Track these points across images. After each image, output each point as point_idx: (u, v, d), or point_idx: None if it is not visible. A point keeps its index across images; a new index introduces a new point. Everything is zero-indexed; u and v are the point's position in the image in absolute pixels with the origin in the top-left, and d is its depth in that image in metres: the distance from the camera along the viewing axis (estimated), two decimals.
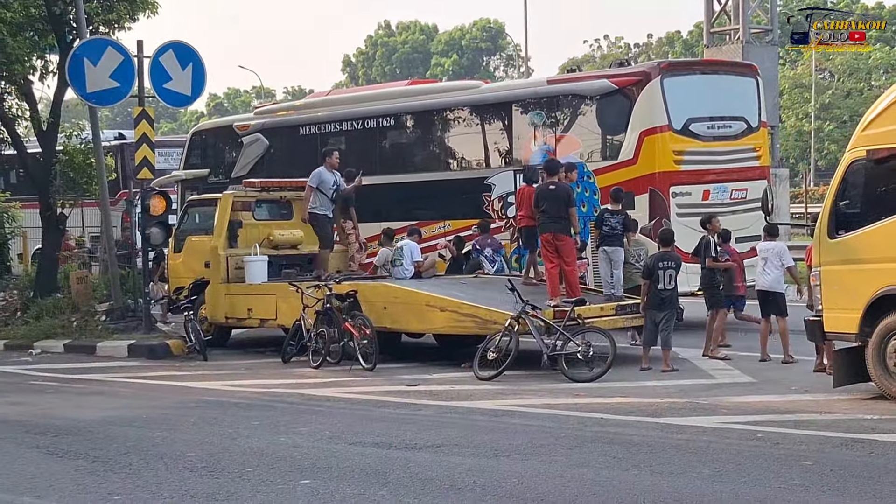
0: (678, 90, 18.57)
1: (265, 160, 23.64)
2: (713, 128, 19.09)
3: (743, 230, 18.53)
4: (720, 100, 19.45)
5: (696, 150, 18.64)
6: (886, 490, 8.26)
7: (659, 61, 21.53)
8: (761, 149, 19.83)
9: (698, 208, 18.26)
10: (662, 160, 18.28)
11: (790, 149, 65.55)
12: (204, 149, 25.52)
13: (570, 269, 15.67)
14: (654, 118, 18.29)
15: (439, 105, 21.50)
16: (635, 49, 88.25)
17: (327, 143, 23.08)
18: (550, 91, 19.97)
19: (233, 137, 24.43)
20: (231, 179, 23.40)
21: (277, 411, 12.55)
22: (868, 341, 11.89)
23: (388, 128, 22.12)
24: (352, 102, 23.46)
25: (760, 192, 19.07)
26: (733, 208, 18.77)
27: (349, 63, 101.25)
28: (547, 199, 15.57)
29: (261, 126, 23.91)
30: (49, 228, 22.24)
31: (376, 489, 8.67)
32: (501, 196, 19.76)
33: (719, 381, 13.73)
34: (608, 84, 18.93)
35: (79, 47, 19.47)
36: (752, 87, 19.81)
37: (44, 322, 20.25)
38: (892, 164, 12.02)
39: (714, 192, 18.78)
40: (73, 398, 14.20)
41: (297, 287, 16.66)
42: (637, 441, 10.16)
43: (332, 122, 22.80)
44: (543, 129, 19.67)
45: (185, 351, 17.87)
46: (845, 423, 10.81)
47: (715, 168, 18.91)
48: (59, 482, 9.32)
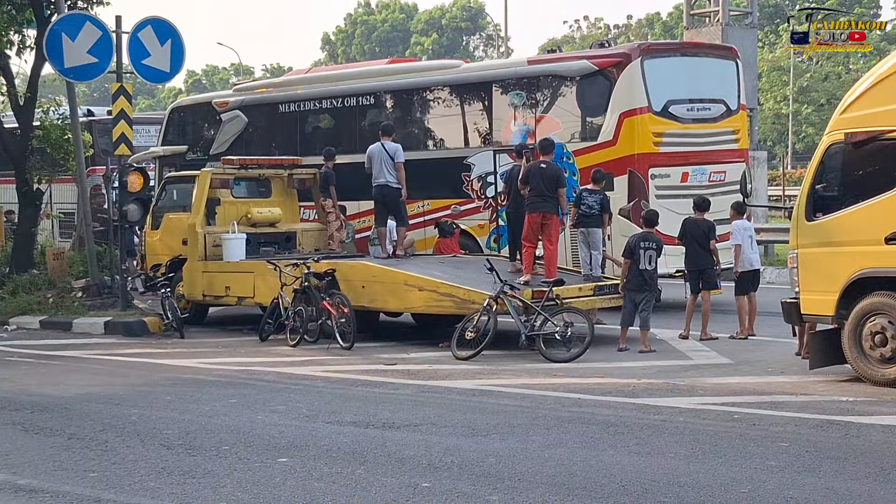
0: (658, 72, 18.58)
1: (243, 137, 23.58)
2: (692, 110, 19.12)
3: (722, 212, 18.62)
4: (700, 82, 19.47)
5: (676, 132, 18.67)
6: (862, 471, 8.31)
7: (639, 43, 21.55)
8: (740, 131, 19.84)
9: (677, 190, 18.36)
10: (642, 142, 18.30)
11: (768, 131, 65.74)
12: (182, 125, 25.41)
13: (552, 249, 15.67)
14: (634, 100, 18.30)
15: (419, 84, 21.44)
16: (615, 30, 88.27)
17: (306, 121, 23.07)
18: (530, 71, 19.93)
19: (211, 114, 24.33)
20: (209, 156, 23.35)
21: (255, 389, 12.54)
22: (844, 324, 11.96)
23: (367, 106, 22.05)
24: (331, 80, 23.38)
25: (739, 174, 19.21)
26: (712, 190, 18.77)
27: (328, 41, 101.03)
28: (537, 177, 15.51)
29: (240, 103, 23.82)
30: (26, 204, 22.11)
31: (353, 468, 8.67)
32: (481, 176, 19.75)
33: (696, 362, 13.78)
34: (588, 65, 18.92)
35: (57, 22, 19.34)
36: (731, 70, 19.84)
37: (20, 298, 20.15)
38: (870, 147, 12.08)
39: (693, 174, 18.81)
40: (49, 375, 14.15)
41: (275, 265, 16.63)
42: (614, 421, 10.19)
43: (312, 99, 22.73)
44: (523, 110, 19.66)
45: (161, 328, 17.82)
46: (821, 404, 10.87)
47: (694, 150, 18.95)
48: (35, 459, 9.30)
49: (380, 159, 16.90)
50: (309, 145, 22.09)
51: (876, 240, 11.67)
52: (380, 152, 16.94)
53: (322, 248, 19.02)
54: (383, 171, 16.88)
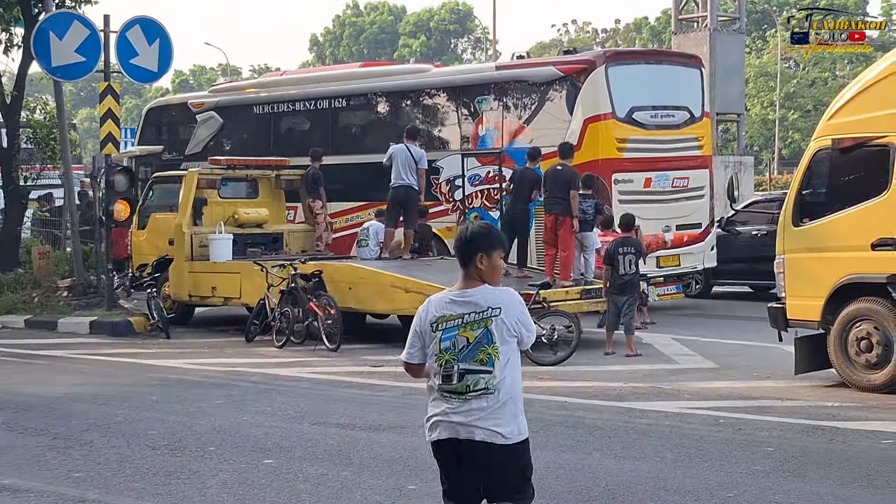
0: (622, 79, 18.78)
1: (218, 138, 23.71)
2: (656, 117, 19.31)
3: (684, 218, 19.28)
4: (664, 89, 19.67)
5: (639, 139, 18.87)
6: (847, 476, 8.33)
7: (604, 50, 21.87)
8: (704, 138, 20.12)
9: (640, 195, 18.63)
10: (605, 147, 18.47)
11: (755, 137, 65.81)
12: (159, 125, 25.66)
13: (565, 255, 15.95)
14: (598, 106, 18.49)
15: (389, 88, 21.62)
16: (603, 34, 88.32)
17: (280, 123, 23.19)
18: (498, 77, 20.13)
19: (187, 115, 24.51)
20: (185, 157, 23.74)
21: (240, 390, 12.51)
22: (830, 329, 11.99)
23: (339, 109, 22.29)
24: (305, 83, 23.51)
25: (701, 180, 19.55)
26: (675, 196, 19.14)
27: (316, 42, 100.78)
28: (552, 179, 15.98)
29: (215, 104, 23.98)
30: (11, 203, 22.04)
31: (339, 469, 8.66)
32: (449, 179, 19.85)
33: (683, 366, 13.81)
34: (554, 71, 19.12)
35: (44, 21, 19.28)
36: (695, 78, 20.09)
37: (5, 297, 20.10)
38: (857, 153, 12.10)
39: (656, 179, 19.03)
40: (34, 374, 14.10)
41: (261, 266, 16.61)
42: (600, 425, 10.20)
43: (285, 101, 22.93)
44: (491, 114, 19.81)
45: (147, 328, 17.78)
46: (806, 409, 10.90)
47: (657, 156, 19.16)
48: (19, 458, 9.27)
49: (403, 161, 16.95)
50: (282, 146, 22.20)
51: (862, 246, 11.71)
52: (404, 155, 16.97)
53: (309, 249, 19.00)
54: (405, 172, 16.92)
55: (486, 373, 5.27)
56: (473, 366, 5.27)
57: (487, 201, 19.35)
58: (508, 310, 5.32)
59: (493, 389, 5.26)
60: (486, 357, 5.26)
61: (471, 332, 5.27)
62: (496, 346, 5.27)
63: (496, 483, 5.36)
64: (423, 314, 5.39)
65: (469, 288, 5.36)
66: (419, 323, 5.40)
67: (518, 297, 5.45)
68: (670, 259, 19.03)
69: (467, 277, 5.39)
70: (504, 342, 5.29)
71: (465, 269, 5.39)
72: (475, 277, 5.37)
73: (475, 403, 5.26)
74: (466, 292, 5.35)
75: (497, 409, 5.26)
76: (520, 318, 5.36)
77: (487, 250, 5.37)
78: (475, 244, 5.38)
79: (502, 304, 5.32)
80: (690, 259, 19.57)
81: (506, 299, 5.35)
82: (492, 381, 5.26)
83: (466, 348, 5.27)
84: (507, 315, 5.30)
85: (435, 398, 5.37)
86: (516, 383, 5.35)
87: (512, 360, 5.33)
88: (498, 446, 5.26)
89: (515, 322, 5.32)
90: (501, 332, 5.28)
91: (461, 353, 5.28)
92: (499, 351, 5.27)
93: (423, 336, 5.38)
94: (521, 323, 5.36)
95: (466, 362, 5.27)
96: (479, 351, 5.27)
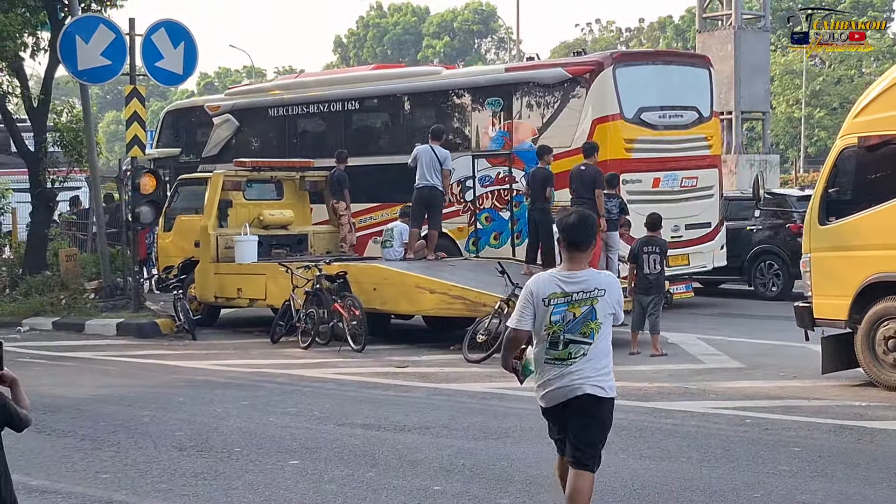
0: (630, 80, 18.79)
1: (234, 141, 23.82)
2: (665, 117, 19.29)
3: (693, 218, 19.28)
4: (672, 90, 19.65)
5: (648, 139, 18.86)
6: (874, 476, 8.29)
7: (612, 51, 21.84)
8: (712, 138, 20.13)
9: (649, 195, 18.56)
10: (614, 148, 18.43)
11: (780, 135, 65.54)
12: (176, 128, 25.82)
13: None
14: (607, 107, 18.47)
15: (400, 90, 21.65)
16: (627, 33, 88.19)
17: (295, 126, 23.27)
18: (508, 79, 20.13)
19: (204, 118, 24.64)
20: (201, 159, 23.91)
21: (266, 391, 12.55)
22: (857, 328, 11.93)
23: (352, 111, 22.34)
24: (319, 86, 23.56)
25: (710, 180, 19.55)
26: (684, 196, 19.13)
27: (340, 44, 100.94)
28: (576, 179, 16.16)
29: (231, 107, 24.09)
30: (39, 206, 22.16)
31: (365, 470, 8.67)
32: (460, 180, 19.85)
33: (709, 365, 13.76)
34: (563, 73, 19.09)
35: (71, 24, 19.36)
36: (704, 78, 20.07)
37: (32, 299, 20.20)
38: (883, 151, 12.05)
39: (665, 179, 19.03)
40: (62, 376, 14.17)
41: (286, 267, 16.65)
42: (626, 425, 10.16)
43: (300, 104, 22.99)
44: (501, 116, 19.80)
45: (173, 330, 17.85)
46: (834, 409, 10.84)
47: (666, 156, 19.15)
48: (48, 460, 9.32)
49: (428, 162, 17.00)
50: (297, 148, 22.30)
51: (889, 244, 11.64)
52: (429, 156, 17.03)
53: (333, 250, 19.04)
54: (430, 173, 16.99)
55: (586, 344, 6.26)
56: (577, 337, 6.26)
57: (498, 202, 19.39)
58: (611, 292, 6.32)
59: (591, 356, 6.25)
60: (588, 330, 6.25)
61: (578, 309, 6.24)
62: (598, 322, 6.26)
63: (584, 430, 6.31)
64: (535, 290, 6.31)
65: (577, 270, 6.31)
66: (531, 297, 6.30)
67: (617, 282, 6.52)
68: (679, 259, 18.99)
69: (573, 260, 6.32)
70: (605, 318, 6.28)
71: (572, 252, 6.30)
72: (581, 261, 6.32)
73: (575, 366, 6.24)
74: (576, 274, 6.30)
75: (594, 370, 6.25)
76: (619, 300, 6.37)
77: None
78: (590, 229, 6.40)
79: (606, 286, 6.31)
80: (699, 258, 19.53)
81: (609, 282, 6.37)
82: (590, 349, 6.25)
83: (573, 322, 6.24)
84: (609, 296, 6.31)
85: (541, 367, 6.35)
86: (608, 349, 6.35)
87: (607, 332, 6.32)
88: (598, 398, 6.26)
89: (616, 303, 6.34)
90: (604, 310, 6.27)
91: (568, 325, 6.25)
92: (600, 325, 6.27)
93: (536, 309, 6.28)
94: (619, 304, 6.37)
95: (572, 334, 6.26)
96: (583, 325, 6.24)
